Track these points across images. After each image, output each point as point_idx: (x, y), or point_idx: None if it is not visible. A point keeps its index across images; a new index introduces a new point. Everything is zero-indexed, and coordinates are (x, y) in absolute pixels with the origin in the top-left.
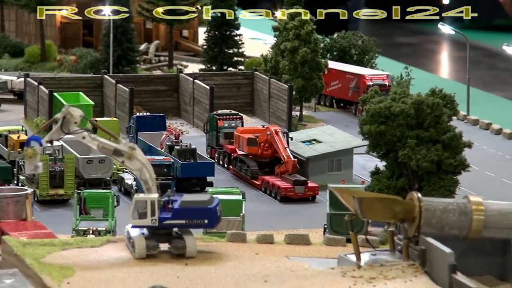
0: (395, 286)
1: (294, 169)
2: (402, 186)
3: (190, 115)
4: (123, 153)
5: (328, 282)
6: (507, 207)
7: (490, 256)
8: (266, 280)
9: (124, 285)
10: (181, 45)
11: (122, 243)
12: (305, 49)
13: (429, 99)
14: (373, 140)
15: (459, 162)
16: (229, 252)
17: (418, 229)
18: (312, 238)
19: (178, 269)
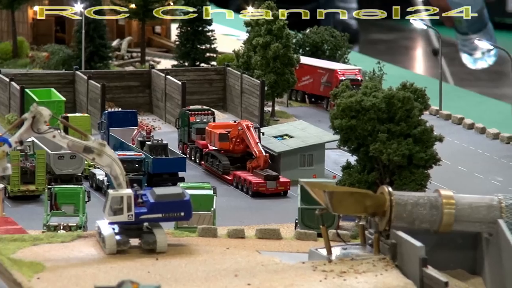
0: (365, 280)
1: (265, 164)
2: (373, 180)
3: (162, 111)
4: (93, 150)
5: (299, 276)
6: (478, 200)
7: (461, 250)
8: (237, 275)
9: (94, 280)
10: (153, 41)
11: (93, 239)
12: (277, 44)
13: (400, 93)
14: (344, 135)
15: (430, 156)
16: (200, 247)
17: (388, 223)
18: (283, 233)
19: (149, 264)
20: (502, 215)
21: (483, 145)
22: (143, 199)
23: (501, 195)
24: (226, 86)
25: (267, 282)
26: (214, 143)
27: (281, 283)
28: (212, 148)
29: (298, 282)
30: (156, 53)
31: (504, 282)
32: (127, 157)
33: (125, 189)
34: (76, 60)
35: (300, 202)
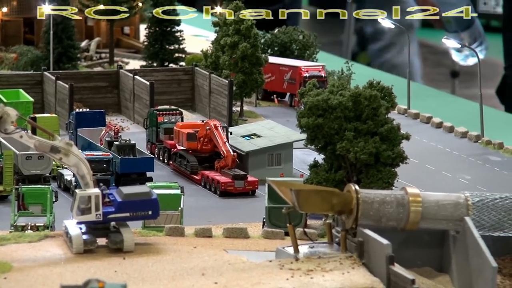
0: (332, 278)
1: (233, 164)
2: (341, 179)
3: (131, 111)
4: (60, 150)
5: (266, 274)
6: (445, 198)
7: (428, 248)
8: (204, 273)
9: (61, 280)
10: (122, 42)
11: (60, 238)
12: (245, 44)
13: (367, 92)
14: (311, 133)
15: (397, 154)
16: (167, 246)
17: (355, 221)
18: (251, 232)
19: (116, 263)
20: (468, 212)
21: (451, 144)
22: (111, 199)
23: (467, 193)
24: (194, 86)
25: (234, 280)
26: (182, 143)
27: (248, 281)
28: (180, 148)
29: (265, 281)
30: (125, 53)
31: (471, 280)
32: (95, 157)
33: (93, 188)
34: (45, 61)
35: (268, 201)
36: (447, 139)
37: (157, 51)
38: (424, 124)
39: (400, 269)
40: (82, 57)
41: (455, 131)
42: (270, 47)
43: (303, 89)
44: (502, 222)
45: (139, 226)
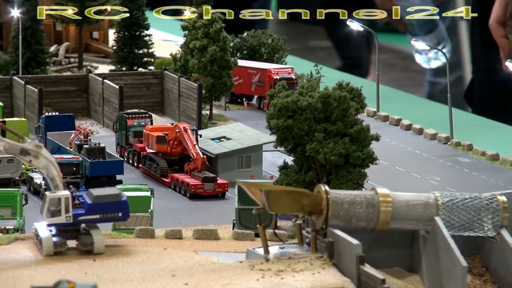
0: (303, 278)
1: (203, 166)
2: (311, 180)
3: (100, 115)
4: (29, 152)
5: (236, 275)
6: (415, 198)
7: (398, 248)
8: (174, 275)
9: (32, 282)
10: (91, 46)
11: (30, 241)
12: (214, 48)
13: (336, 93)
14: (281, 135)
15: (366, 155)
16: (137, 248)
17: (325, 222)
18: (221, 233)
19: (86, 265)
20: (438, 212)
21: (420, 146)
22: (80, 201)
23: (437, 193)
24: (163, 89)
25: (204, 281)
26: (152, 146)
27: (218, 282)
28: (149, 151)
29: (236, 281)
30: (94, 58)
31: (441, 280)
32: (65, 160)
33: (62, 190)
34: (14, 65)
35: (238, 203)
36: (417, 141)
37: (126, 55)
38: (394, 126)
39: (371, 269)
40: (51, 61)
41: (425, 133)
42: (239, 51)
43: (272, 91)
44: (471, 222)
45: (109, 228)
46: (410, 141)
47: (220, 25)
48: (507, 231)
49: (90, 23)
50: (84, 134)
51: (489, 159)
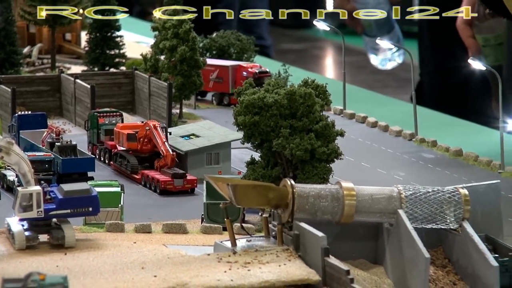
0: (269, 270)
1: (173, 163)
2: (277, 175)
3: (72, 114)
4: (1, 148)
5: (204, 267)
6: (378, 192)
7: (362, 240)
8: (144, 267)
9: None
10: (64, 48)
11: (3, 236)
12: (183, 48)
13: (301, 90)
14: (248, 131)
15: (331, 150)
16: (108, 242)
17: (291, 215)
18: (190, 228)
19: (58, 258)
20: (402, 205)
21: (386, 142)
22: (51, 196)
23: (400, 186)
24: (134, 89)
25: (173, 273)
26: (123, 144)
27: (186, 274)
28: (120, 148)
29: (203, 273)
30: (67, 59)
31: (405, 271)
32: (37, 157)
33: (34, 186)
34: None
35: (206, 197)
36: (382, 138)
37: (98, 56)
38: (360, 123)
39: (335, 261)
40: (24, 62)
41: (390, 130)
42: (209, 51)
43: (239, 88)
44: (434, 214)
45: (81, 223)
46: (375, 138)
47: (189, 25)
48: (469, 224)
49: (63, 25)
50: (56, 133)
51: (453, 155)
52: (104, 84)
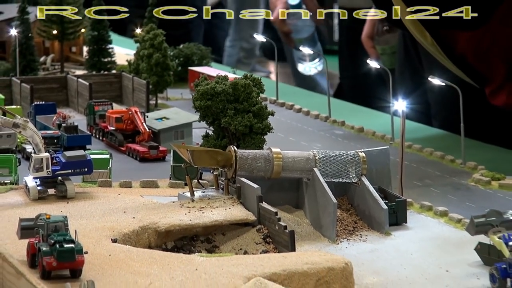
0: (218, 212)
1: (149, 138)
2: (225, 145)
3: (75, 104)
4: (19, 125)
5: (170, 211)
6: (299, 155)
7: (288, 191)
8: (125, 211)
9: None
10: (70, 57)
11: (21, 190)
12: (157, 55)
13: (242, 81)
14: (203, 112)
15: (265, 126)
16: (99, 194)
17: (234, 172)
18: (161, 184)
19: (61, 206)
20: (316, 165)
21: (307, 123)
22: (57, 160)
23: (315, 151)
24: (122, 86)
25: (147, 216)
26: (112, 124)
27: (157, 216)
28: (110, 128)
29: (169, 215)
30: (72, 66)
31: (318, 213)
32: (48, 134)
33: (44, 153)
34: (13, 71)
35: (172, 161)
36: (305, 120)
37: (95, 62)
38: (288, 110)
39: (267, 206)
40: (41, 68)
41: (310, 114)
42: (177, 58)
43: (197, 81)
44: (340, 172)
45: (79, 180)
46: (299, 120)
47: (162, 38)
48: (366, 178)
49: (69, 40)
50: (63, 117)
51: (356, 131)
52: (99, 83)
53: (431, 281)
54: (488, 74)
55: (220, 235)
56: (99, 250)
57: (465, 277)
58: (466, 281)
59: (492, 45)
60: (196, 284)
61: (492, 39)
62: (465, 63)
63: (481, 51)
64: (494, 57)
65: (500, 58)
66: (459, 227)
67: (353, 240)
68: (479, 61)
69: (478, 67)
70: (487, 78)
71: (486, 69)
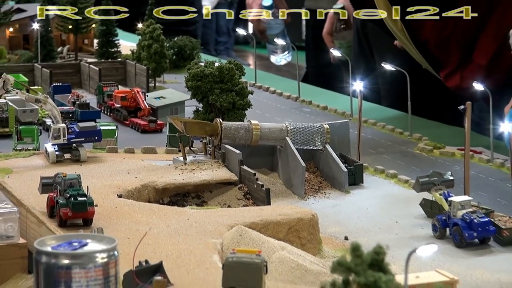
0: (206, 173)
1: (149, 114)
2: (212, 118)
3: (87, 86)
4: (40, 100)
5: (166, 172)
6: (274, 126)
7: (264, 156)
8: (129, 172)
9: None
10: (83, 48)
11: (42, 155)
12: (156, 45)
13: (226, 65)
14: (194, 91)
15: (245, 103)
16: (107, 158)
17: (220, 141)
18: (158, 150)
19: (76, 168)
20: (288, 134)
21: (280, 102)
22: (72, 130)
23: (287, 122)
24: (126, 71)
25: (147, 176)
26: (118, 102)
27: (155, 176)
28: (117, 105)
29: (166, 175)
30: (85, 55)
31: (290, 175)
32: (65, 110)
33: (61, 123)
34: (36, 59)
35: (168, 132)
36: (278, 100)
37: (104, 52)
38: (265, 91)
39: (247, 168)
40: (58, 56)
41: (283, 95)
42: (172, 48)
43: (189, 65)
44: (307, 140)
45: (91, 147)
46: (274, 100)
47: (159, 31)
48: (329, 146)
49: (82, 33)
50: (77, 96)
51: (321, 109)
52: (107, 68)
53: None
54: (444, 59)
55: (208, 192)
56: (107, 203)
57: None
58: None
59: (452, 33)
60: (188, 231)
61: (453, 27)
62: (425, 49)
63: (442, 38)
64: (452, 44)
65: (457, 44)
66: (406, 186)
67: (318, 197)
68: (438, 47)
69: (436, 53)
70: (443, 63)
71: (443, 55)
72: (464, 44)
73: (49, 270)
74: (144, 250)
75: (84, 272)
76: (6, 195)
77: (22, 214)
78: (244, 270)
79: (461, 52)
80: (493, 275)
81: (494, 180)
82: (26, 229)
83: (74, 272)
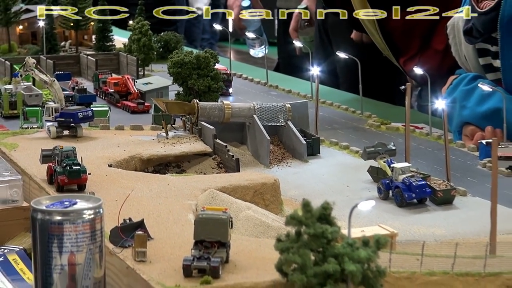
0: (185, 146)
1: (137, 97)
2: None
3: (86, 74)
4: (48, 82)
5: (150, 145)
6: (243, 105)
7: (235, 131)
8: (119, 146)
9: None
10: (83, 43)
11: (44, 132)
12: (144, 39)
13: (203, 54)
14: (175, 76)
15: (220, 86)
16: (100, 135)
17: (197, 118)
18: (145, 127)
19: (73, 142)
20: (255, 112)
21: (251, 87)
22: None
23: (255, 103)
24: (119, 61)
25: (134, 149)
26: (111, 87)
27: (141, 149)
28: (110, 90)
29: (150, 148)
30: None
31: (257, 147)
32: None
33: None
34: (42, 52)
35: (153, 112)
36: (249, 85)
37: (101, 46)
38: (238, 78)
39: (220, 141)
40: (61, 50)
41: (254, 81)
42: (159, 42)
43: (171, 55)
44: (272, 118)
45: (87, 125)
46: (246, 85)
47: (147, 27)
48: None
49: (82, 30)
50: (76, 82)
51: (286, 92)
52: (102, 59)
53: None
54: (406, 46)
55: (186, 162)
56: (99, 172)
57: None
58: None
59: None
60: (168, 194)
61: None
62: (389, 39)
63: (406, 28)
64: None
65: (419, 33)
66: (356, 156)
67: (281, 166)
68: (402, 36)
69: (399, 41)
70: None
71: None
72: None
73: (43, 226)
74: (129, 210)
75: (74, 226)
76: (12, 165)
77: (25, 181)
78: (212, 224)
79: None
80: (429, 230)
81: (432, 150)
82: (29, 194)
83: (65, 227)
